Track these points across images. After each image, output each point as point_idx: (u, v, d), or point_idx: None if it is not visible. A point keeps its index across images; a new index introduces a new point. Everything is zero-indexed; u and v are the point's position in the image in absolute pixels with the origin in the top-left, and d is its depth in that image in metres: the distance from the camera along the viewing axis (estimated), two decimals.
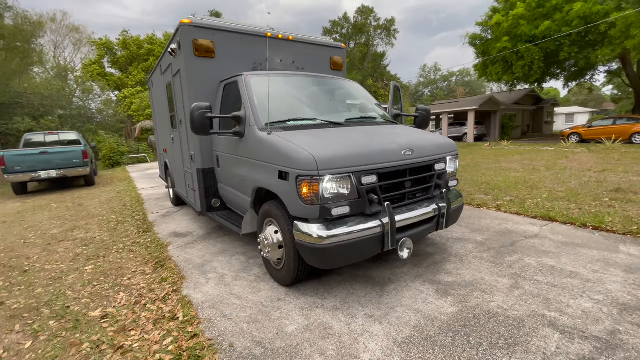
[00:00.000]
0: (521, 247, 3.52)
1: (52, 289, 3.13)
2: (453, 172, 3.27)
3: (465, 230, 4.15)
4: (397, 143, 2.76)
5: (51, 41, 25.31)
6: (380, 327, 2.24)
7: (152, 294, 2.90)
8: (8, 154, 8.37)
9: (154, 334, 2.31)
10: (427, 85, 65.29)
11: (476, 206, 5.33)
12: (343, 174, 2.40)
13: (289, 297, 2.71)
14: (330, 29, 38.40)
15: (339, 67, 5.11)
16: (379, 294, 2.69)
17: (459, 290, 2.68)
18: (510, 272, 2.95)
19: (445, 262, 3.24)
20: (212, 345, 2.13)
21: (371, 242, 2.49)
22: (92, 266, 3.65)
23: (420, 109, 4.12)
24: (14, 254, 4.21)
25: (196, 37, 3.82)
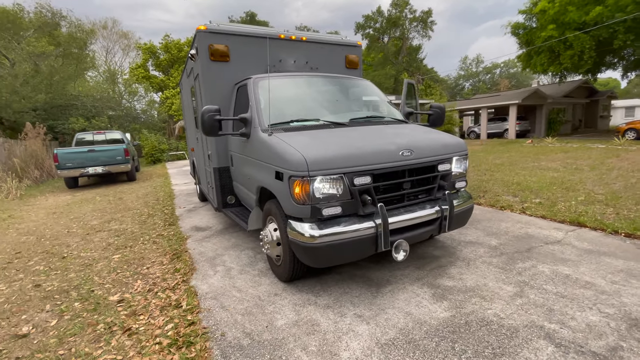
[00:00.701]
0: (538, 253, 3.30)
1: (82, 274, 3.51)
2: (461, 173, 3.15)
3: (480, 234, 3.97)
4: (395, 143, 2.73)
5: (103, 47, 27.74)
6: (367, 327, 2.25)
7: (165, 283, 3.15)
8: (61, 151, 9.37)
9: (159, 320, 2.52)
10: (467, 78, 62.04)
11: (499, 208, 5.05)
12: (334, 175, 2.42)
13: (285, 293, 2.81)
14: (363, 24, 37.85)
15: (354, 65, 5.09)
16: (373, 294, 2.70)
17: (457, 295, 2.60)
18: (518, 279, 2.79)
19: (450, 265, 3.15)
20: (206, 333, 2.29)
21: (364, 243, 2.50)
22: (119, 255, 4.03)
23: (434, 106, 4.01)
24: (57, 241, 4.76)
25: (212, 42, 4.01)
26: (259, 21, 41.75)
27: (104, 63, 26.77)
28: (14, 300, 3.03)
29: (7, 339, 2.42)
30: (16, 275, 3.61)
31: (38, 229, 5.57)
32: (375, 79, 36.52)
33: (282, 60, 4.50)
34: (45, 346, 2.30)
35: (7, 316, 2.75)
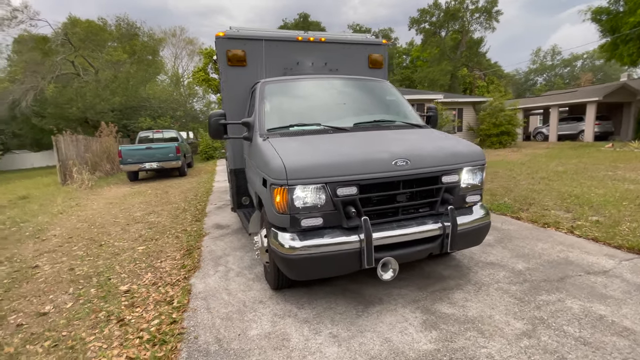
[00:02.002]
0: (572, 284, 2.78)
1: (108, 262, 3.89)
2: (474, 186, 2.78)
3: (507, 254, 3.48)
4: (389, 152, 2.50)
5: (172, 53, 30.69)
6: (336, 350, 2.10)
7: (169, 278, 3.34)
8: (124, 148, 10.59)
9: (150, 314, 2.67)
10: (540, 72, 55.55)
11: (542, 225, 4.39)
12: (315, 184, 2.31)
13: (270, 301, 2.77)
14: (417, 19, 36.07)
15: (378, 64, 4.84)
16: (358, 313, 2.52)
17: (452, 326, 2.29)
18: (534, 314, 2.37)
19: (456, 289, 2.80)
20: (181, 334, 2.36)
21: (347, 258, 2.34)
22: (143, 247, 4.39)
23: (431, 108, 3.81)
24: (102, 229, 5.36)
25: (229, 48, 4.14)
26: (311, 22, 42.38)
27: (172, 68, 29.67)
28: (50, 280, 3.48)
29: (31, 315, 2.77)
30: (60, 258, 4.14)
31: (93, 217, 6.35)
32: (429, 75, 34.62)
33: (299, 63, 4.46)
34: (55, 326, 2.58)
35: (40, 294, 3.16)
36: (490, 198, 5.88)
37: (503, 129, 17.10)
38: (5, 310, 2.86)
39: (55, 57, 17.54)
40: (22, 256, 4.25)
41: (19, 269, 3.82)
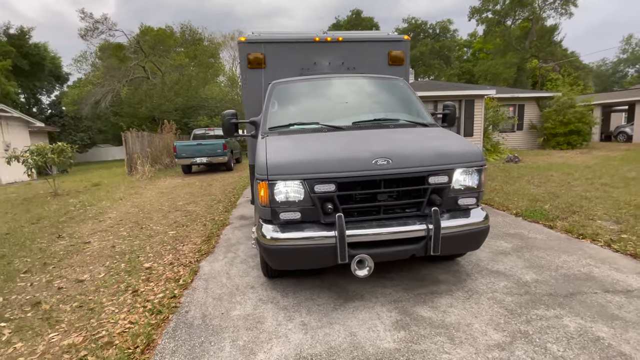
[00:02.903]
0: (581, 302, 2.50)
1: (143, 242, 4.48)
2: (469, 188, 2.64)
3: (519, 264, 3.22)
4: (370, 151, 2.51)
5: (230, 55, 32.86)
6: (301, 337, 2.22)
7: (184, 260, 3.75)
8: (178, 144, 11.79)
9: (159, 288, 3.06)
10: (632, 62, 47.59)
11: (577, 236, 3.93)
12: (294, 180, 2.43)
13: (260, 288, 2.97)
14: (479, 8, 33.45)
15: (398, 61, 4.74)
16: (335, 307, 2.59)
17: (424, 329, 2.25)
18: (519, 328, 2.21)
19: (445, 294, 2.71)
20: (176, 307, 2.68)
21: (322, 252, 2.43)
22: (174, 232, 4.93)
23: (449, 106, 3.60)
24: (147, 215, 6.12)
25: (249, 51, 4.42)
26: (364, 18, 41.90)
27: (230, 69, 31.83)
28: (94, 254, 4.14)
29: (71, 281, 3.36)
30: (108, 237, 4.88)
31: (144, 203, 7.26)
32: (491, 69, 31.95)
33: (316, 63, 4.58)
34: (85, 291, 3.11)
35: (83, 265, 3.79)
36: (527, 204, 5.37)
37: (572, 128, 15.15)
38: (54, 276, 3.51)
39: (129, 62, 20.22)
40: (80, 233, 5.09)
41: (75, 243, 4.60)
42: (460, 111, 12.16)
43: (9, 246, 4.57)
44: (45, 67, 27.83)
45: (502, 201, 5.71)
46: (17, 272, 3.62)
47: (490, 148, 13.55)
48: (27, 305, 2.89)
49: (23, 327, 2.53)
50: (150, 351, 2.16)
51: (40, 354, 2.20)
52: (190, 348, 2.17)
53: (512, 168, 9.72)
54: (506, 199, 5.82)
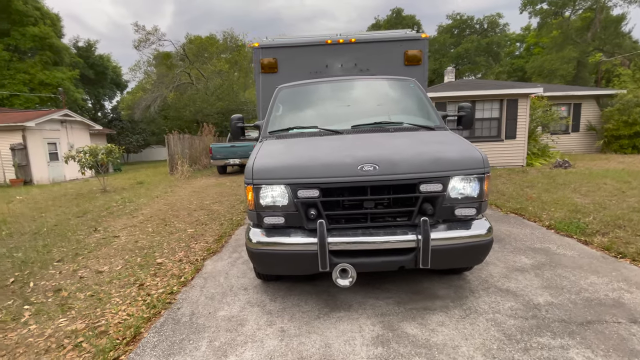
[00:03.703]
0: (596, 331, 2.17)
1: (161, 239, 4.78)
2: (468, 197, 2.43)
3: (535, 284, 2.89)
4: (356, 156, 2.42)
5: None
6: (275, 343, 2.20)
7: (193, 257, 3.92)
8: (214, 146, 12.43)
9: (162, 284, 3.24)
10: None
11: (615, 254, 3.43)
12: (277, 185, 2.43)
13: (253, 290, 3.01)
14: None
15: (415, 61, 4.54)
16: (319, 315, 2.53)
17: (404, 347, 2.11)
18: (513, 356, 1.98)
19: (439, 311, 2.51)
20: (170, 303, 2.81)
21: (304, 259, 2.39)
22: (193, 230, 5.20)
23: (464, 107, 3.36)
24: (175, 212, 6.52)
25: (263, 57, 4.53)
26: (404, 16, 40.79)
27: None
28: (119, 248, 4.50)
29: (92, 271, 3.69)
30: (135, 232, 5.28)
31: (175, 201, 7.75)
32: (546, 64, 29.22)
33: (328, 65, 4.55)
34: (100, 282, 3.39)
35: (106, 257, 4.14)
36: (565, 215, 4.81)
37: (638, 129, 13.31)
38: (80, 266, 3.87)
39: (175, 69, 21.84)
40: (113, 228, 5.57)
41: (106, 237, 5.04)
42: (501, 112, 11.29)
43: (53, 236, 5.14)
44: (108, 75, 31.10)
45: (536, 211, 5.17)
46: (52, 261, 4.06)
47: (537, 152, 12.39)
48: (50, 291, 3.23)
49: (41, 311, 2.83)
50: (135, 343, 2.29)
51: (47, 336, 2.44)
52: (170, 344, 2.26)
53: (559, 174, 8.79)
54: (541, 209, 5.27)
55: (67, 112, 15.54)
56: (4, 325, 2.61)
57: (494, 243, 3.88)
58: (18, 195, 10.11)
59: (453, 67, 21.31)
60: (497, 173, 9.69)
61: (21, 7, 22.80)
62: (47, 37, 23.82)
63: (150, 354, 2.16)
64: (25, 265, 3.91)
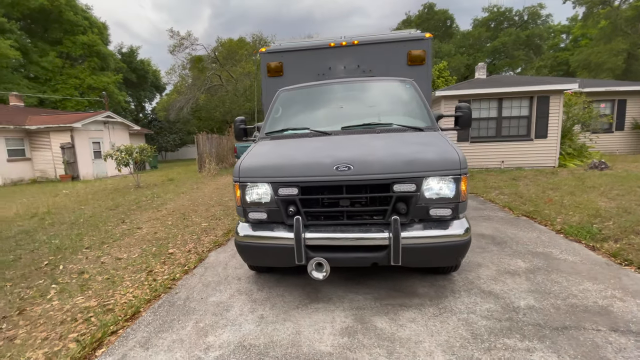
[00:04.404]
0: (570, 337, 2.14)
1: (178, 232, 5.18)
2: (444, 198, 2.47)
3: (524, 287, 2.84)
4: (333, 157, 2.55)
5: None
6: (252, 328, 2.40)
7: (200, 249, 4.25)
8: (238, 145, 12.99)
9: (168, 271, 3.58)
10: None
11: (620, 261, 3.26)
12: (260, 183, 2.62)
13: (245, 280, 3.24)
14: None
15: (418, 61, 4.54)
16: (298, 305, 2.70)
17: (369, 339, 2.22)
18: (472, 355, 2.01)
19: (414, 308, 2.58)
20: (170, 288, 3.12)
21: (283, 252, 2.57)
22: (207, 224, 5.57)
23: (462, 107, 3.33)
24: (195, 207, 6.98)
25: (269, 61, 4.76)
26: (437, 11, 39.50)
27: None
28: (139, 238, 4.96)
29: (113, 258, 4.13)
30: (155, 224, 5.75)
31: (198, 197, 8.26)
32: (592, 57, 26.96)
33: (331, 68, 4.68)
34: (117, 267, 3.81)
35: (127, 246, 4.60)
36: (582, 219, 4.56)
37: None
38: (104, 253, 4.34)
39: (207, 72, 22.94)
40: (139, 220, 6.11)
41: (131, 228, 5.55)
42: (531, 109, 10.68)
43: (86, 226, 5.76)
44: (148, 79, 33.37)
45: (551, 215, 4.94)
46: (81, 247, 4.58)
47: (573, 152, 11.57)
48: (75, 273, 3.68)
49: (65, 289, 3.26)
50: (133, 320, 2.60)
51: (64, 311, 2.83)
52: (161, 323, 2.54)
53: (591, 176, 8.20)
54: (558, 213, 5.02)
55: (109, 114, 16.97)
56: (32, 300, 3.05)
57: (493, 245, 3.84)
58: (65, 190, 11.28)
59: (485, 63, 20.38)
60: (522, 174, 9.23)
61: (72, 17, 25.13)
62: (95, 44, 26.06)
63: (144, 330, 2.46)
64: (59, 251, 4.46)
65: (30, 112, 17.73)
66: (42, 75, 25.11)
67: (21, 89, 22.18)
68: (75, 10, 25.94)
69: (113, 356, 2.18)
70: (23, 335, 2.50)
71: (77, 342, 2.33)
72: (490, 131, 10.99)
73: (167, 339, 2.34)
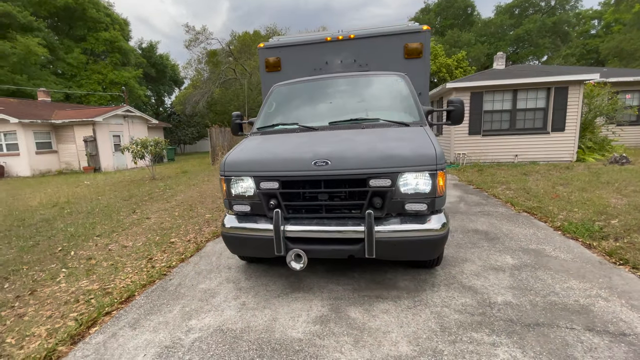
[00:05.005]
0: (541, 334, 2.15)
1: (183, 222, 5.42)
2: (419, 194, 2.50)
3: (505, 283, 2.84)
4: (313, 152, 2.62)
5: None
6: (232, 314, 2.54)
7: (200, 239, 4.45)
8: None
9: (164, 258, 3.79)
10: None
11: (614, 260, 3.18)
12: (243, 177, 2.74)
13: (235, 269, 3.39)
14: None
15: (415, 54, 4.49)
16: (279, 294, 2.82)
17: (340, 327, 2.31)
18: (437, 346, 2.07)
19: (389, 300, 2.64)
20: (165, 275, 3.32)
21: (264, 243, 2.68)
22: (210, 215, 5.79)
23: (454, 101, 3.29)
24: (202, 199, 7.24)
25: (267, 56, 4.83)
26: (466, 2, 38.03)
27: None
28: (146, 228, 5.24)
29: (120, 246, 4.40)
30: (163, 215, 6.03)
31: (207, 190, 8.54)
32: (624, 45, 25.30)
33: (328, 62, 4.70)
34: (121, 254, 4.06)
35: (134, 235, 4.87)
36: (585, 216, 4.42)
37: None
38: (112, 240, 4.63)
39: (221, 66, 23.29)
40: (149, 211, 6.42)
41: (140, 218, 5.86)
42: (548, 101, 10.25)
43: (100, 216, 6.12)
44: (167, 73, 34.21)
45: (554, 211, 4.82)
46: (93, 235, 4.90)
47: (593, 145, 11.06)
48: (84, 259, 3.97)
49: (72, 273, 3.53)
50: (127, 303, 2.81)
51: (70, 293, 3.09)
52: (152, 306, 2.73)
53: (609, 172, 7.84)
54: (561, 209, 4.88)
55: (129, 108, 17.64)
56: (43, 282, 3.33)
57: (484, 241, 3.82)
58: (86, 181, 11.92)
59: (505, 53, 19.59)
60: (535, 169, 8.94)
61: (94, 14, 26.05)
62: (116, 40, 26.94)
63: (135, 312, 2.66)
64: (73, 238, 4.79)
65: (56, 107, 18.69)
66: (68, 71, 26.31)
67: (49, 85, 23.35)
68: (97, 8, 26.88)
69: (104, 334, 2.39)
70: (31, 312, 2.76)
71: (75, 320, 2.55)
72: (503, 124, 10.65)
73: (154, 320, 2.52)
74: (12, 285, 3.31)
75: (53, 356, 2.16)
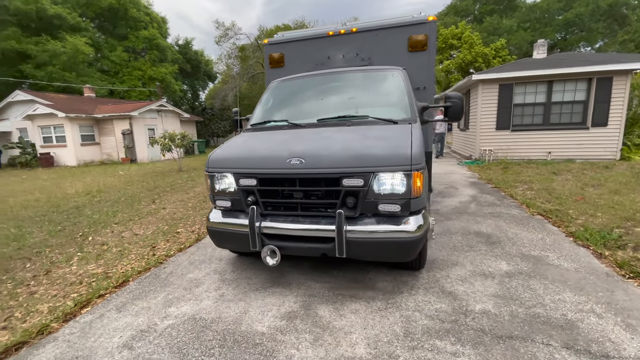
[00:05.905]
0: (511, 348, 2.03)
1: (192, 213, 5.69)
2: (393, 194, 2.43)
3: (490, 291, 2.70)
4: (290, 150, 2.64)
5: None
6: (209, 304, 2.66)
7: (203, 229, 4.67)
8: None
9: (166, 247, 4.03)
10: None
11: (625, 273, 2.89)
12: (223, 173, 2.83)
13: (225, 261, 3.53)
14: None
15: (420, 46, 4.32)
16: (258, 288, 2.90)
17: (305, 324, 2.34)
18: (394, 351, 2.03)
19: (362, 301, 2.62)
20: (161, 263, 3.54)
21: (242, 238, 2.76)
22: None
23: (452, 97, 3.13)
24: None
25: (271, 52, 4.88)
26: None
27: None
28: (159, 217, 5.58)
29: (132, 234, 4.74)
30: (178, 206, 6.37)
31: None
32: None
33: (330, 57, 4.66)
34: (131, 241, 4.38)
35: (146, 224, 5.21)
36: (611, 222, 4.04)
37: None
38: (127, 228, 4.99)
39: (249, 61, 23.78)
40: (167, 201, 6.81)
41: (157, 208, 6.24)
42: (589, 94, 9.33)
43: (124, 204, 6.61)
44: (201, 68, 35.58)
45: (573, 214, 4.44)
46: (112, 223, 5.32)
47: None
48: (98, 244, 4.33)
49: (85, 257, 3.88)
50: (121, 288, 3.04)
51: (78, 274, 3.40)
52: (140, 292, 2.93)
53: None
54: (582, 213, 4.49)
55: (162, 103, 18.66)
56: (58, 264, 3.70)
57: (483, 245, 3.64)
58: (121, 171, 12.86)
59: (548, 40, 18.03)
60: (567, 167, 8.24)
61: (135, 13, 27.65)
62: (155, 38, 28.45)
63: (125, 296, 2.87)
64: (95, 225, 5.23)
65: (99, 102, 20.26)
66: (112, 68, 28.31)
67: (95, 82, 25.31)
68: (138, 7, 28.50)
69: (93, 315, 2.62)
70: (41, 291, 3.09)
71: (73, 300, 2.82)
72: (536, 118, 9.88)
73: (139, 305, 2.72)
74: (33, 265, 3.71)
75: (45, 331, 2.42)
